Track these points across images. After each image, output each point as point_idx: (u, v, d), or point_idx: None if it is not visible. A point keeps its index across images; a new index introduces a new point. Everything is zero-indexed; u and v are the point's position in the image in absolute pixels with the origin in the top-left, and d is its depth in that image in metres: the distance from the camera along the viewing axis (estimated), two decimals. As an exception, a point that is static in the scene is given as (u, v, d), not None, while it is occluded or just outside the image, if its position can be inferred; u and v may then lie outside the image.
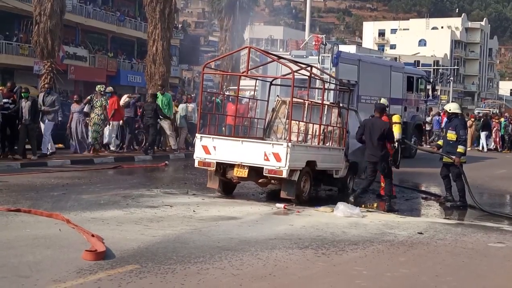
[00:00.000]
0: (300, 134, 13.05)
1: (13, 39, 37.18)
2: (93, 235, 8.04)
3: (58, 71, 28.17)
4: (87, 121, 19.39)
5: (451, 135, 12.91)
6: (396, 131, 13.07)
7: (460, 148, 12.76)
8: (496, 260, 8.48)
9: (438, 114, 34.40)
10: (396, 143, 12.98)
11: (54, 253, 7.43)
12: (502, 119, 33.76)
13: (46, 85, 23.75)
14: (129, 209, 10.61)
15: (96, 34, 46.33)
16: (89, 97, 19.99)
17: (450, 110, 13.31)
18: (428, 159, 20.58)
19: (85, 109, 19.62)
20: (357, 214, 10.99)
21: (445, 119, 16.22)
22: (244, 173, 11.95)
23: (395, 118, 13.69)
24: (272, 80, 14.66)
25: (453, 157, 12.76)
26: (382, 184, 13.14)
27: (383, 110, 12.79)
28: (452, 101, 76.59)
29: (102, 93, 19.84)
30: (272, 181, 12.20)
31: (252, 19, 41.59)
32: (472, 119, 33.76)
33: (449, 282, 7.13)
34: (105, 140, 20.19)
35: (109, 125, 19.81)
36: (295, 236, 9.14)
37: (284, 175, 11.55)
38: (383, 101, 13.88)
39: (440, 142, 13.85)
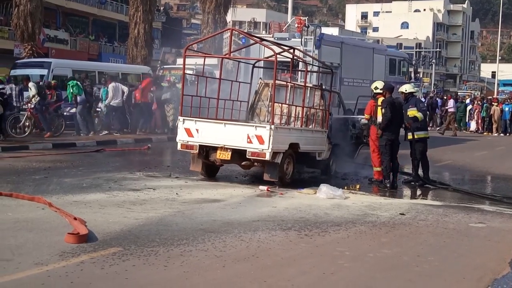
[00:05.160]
0: (283, 116, 13.04)
1: (-7, 22, 36.76)
2: (75, 218, 8.01)
3: (39, 54, 27.90)
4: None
5: (413, 112, 13.19)
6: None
7: (418, 114, 13.17)
8: (477, 240, 8.58)
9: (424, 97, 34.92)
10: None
11: (36, 236, 7.39)
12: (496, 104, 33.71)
13: None
14: (111, 192, 10.58)
15: (77, 17, 45.88)
16: None
17: (406, 90, 13.56)
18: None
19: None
20: (339, 196, 11.04)
21: None
22: (227, 155, 11.93)
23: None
24: (255, 63, 14.59)
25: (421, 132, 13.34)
26: (379, 169, 13.17)
27: (392, 89, 13.12)
28: (434, 84, 77.17)
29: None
30: (255, 163, 12.21)
31: (234, 2, 41.24)
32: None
33: (430, 262, 7.20)
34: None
35: None
36: (278, 218, 9.17)
37: (267, 157, 11.55)
38: (379, 84, 13.75)
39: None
